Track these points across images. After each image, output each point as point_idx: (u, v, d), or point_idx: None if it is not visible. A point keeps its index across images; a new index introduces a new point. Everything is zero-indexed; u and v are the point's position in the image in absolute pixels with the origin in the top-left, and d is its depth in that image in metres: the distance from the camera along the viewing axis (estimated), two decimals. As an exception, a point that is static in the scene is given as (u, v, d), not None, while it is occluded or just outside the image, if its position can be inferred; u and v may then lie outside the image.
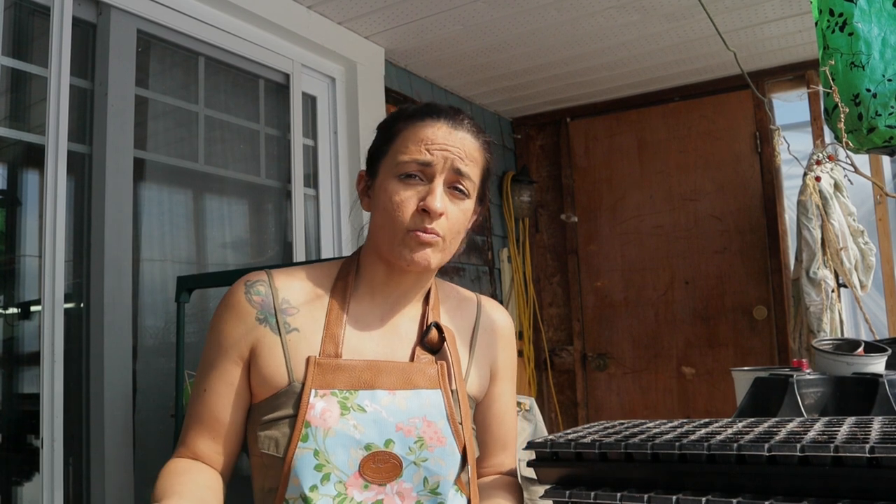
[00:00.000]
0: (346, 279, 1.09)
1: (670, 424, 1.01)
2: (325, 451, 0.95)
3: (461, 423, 1.03)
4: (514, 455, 1.21)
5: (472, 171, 1.05)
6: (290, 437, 0.96)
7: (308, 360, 0.99)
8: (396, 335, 1.07)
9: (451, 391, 1.04)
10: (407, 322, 1.10)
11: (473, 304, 1.19)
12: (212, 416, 1.02)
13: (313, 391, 0.97)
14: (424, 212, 1.00)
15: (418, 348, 1.06)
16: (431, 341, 1.07)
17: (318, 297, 1.06)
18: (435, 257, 1.03)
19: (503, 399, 1.18)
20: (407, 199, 1.01)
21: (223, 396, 1.02)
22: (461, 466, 1.03)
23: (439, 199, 1.00)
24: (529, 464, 0.94)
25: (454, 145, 1.03)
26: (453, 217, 1.03)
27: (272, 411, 0.99)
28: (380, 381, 1.00)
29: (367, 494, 0.96)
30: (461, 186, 1.04)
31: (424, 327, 1.09)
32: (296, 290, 1.06)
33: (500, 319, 1.20)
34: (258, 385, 1.01)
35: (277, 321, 1.02)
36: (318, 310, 1.05)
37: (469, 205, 1.06)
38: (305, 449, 0.94)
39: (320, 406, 0.96)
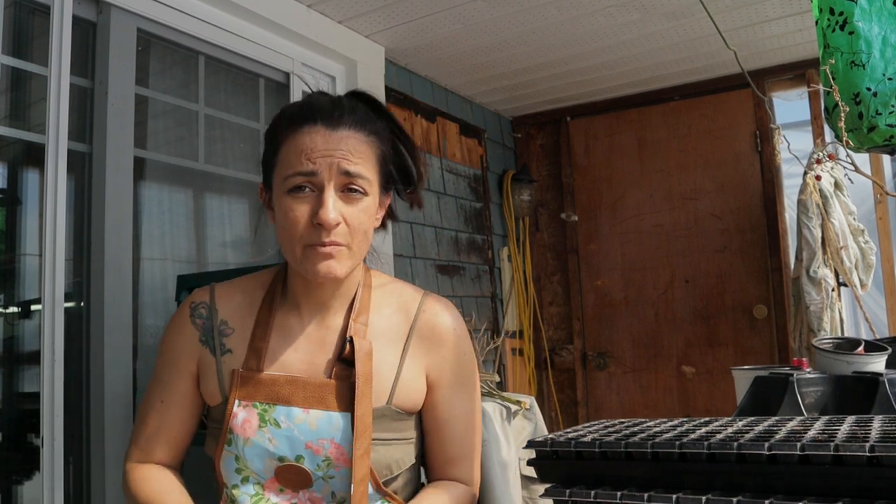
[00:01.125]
0: (274, 292, 1.11)
1: (670, 423, 1.01)
2: (244, 458, 1.03)
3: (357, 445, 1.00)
4: (466, 471, 1.14)
5: (363, 167, 1.01)
6: (218, 441, 1.05)
7: (233, 372, 1.06)
8: (321, 348, 1.08)
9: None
10: (331, 334, 1.09)
11: (414, 309, 1.12)
12: (169, 425, 1.11)
13: (237, 401, 1.04)
14: (320, 225, 0.98)
15: (337, 364, 1.05)
16: (348, 356, 1.05)
17: (251, 314, 1.11)
18: (341, 266, 1.01)
19: (445, 408, 1.12)
20: (300, 214, 0.98)
21: (179, 408, 1.11)
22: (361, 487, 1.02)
23: (331, 210, 0.97)
24: (530, 462, 0.94)
25: (337, 148, 0.99)
26: (354, 220, 1.00)
27: (212, 421, 1.10)
28: (296, 398, 1.03)
29: (283, 497, 1.04)
30: (355, 187, 1.00)
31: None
32: (233, 309, 1.11)
33: (442, 323, 1.12)
34: (204, 396, 1.11)
35: (215, 343, 1.09)
36: (248, 327, 1.10)
37: (369, 202, 1.02)
38: (229, 453, 1.04)
39: (242, 416, 1.03)
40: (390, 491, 1.07)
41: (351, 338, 1.05)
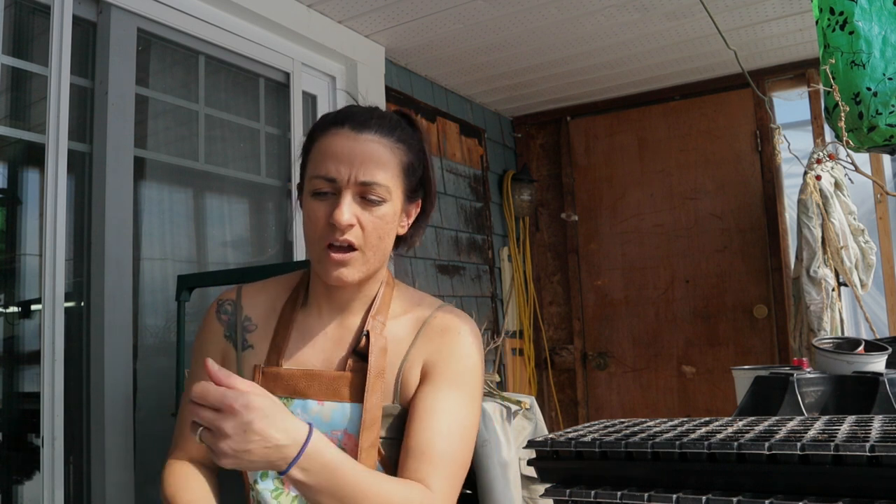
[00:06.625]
0: (298, 294, 1.17)
1: (670, 423, 1.01)
2: None
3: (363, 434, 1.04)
4: (433, 469, 1.03)
5: (383, 175, 1.04)
6: None
7: (254, 368, 1.11)
8: (338, 346, 1.12)
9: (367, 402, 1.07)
10: (349, 333, 1.14)
11: (426, 315, 1.15)
12: None
13: None
14: (334, 225, 1.02)
15: (351, 357, 1.10)
16: (361, 349, 1.10)
17: (274, 311, 1.16)
18: (354, 272, 1.05)
19: (429, 400, 1.07)
20: (320, 215, 1.04)
21: None
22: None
23: (345, 211, 1.02)
24: (530, 462, 0.94)
25: (357, 155, 1.03)
26: (369, 225, 1.04)
27: None
28: (312, 391, 1.08)
29: None
30: (372, 196, 1.04)
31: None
32: (258, 307, 1.17)
33: (451, 322, 1.14)
34: None
35: (237, 339, 1.15)
36: (271, 324, 1.15)
37: (386, 209, 1.06)
38: None
39: None
40: None
41: (367, 332, 1.10)
